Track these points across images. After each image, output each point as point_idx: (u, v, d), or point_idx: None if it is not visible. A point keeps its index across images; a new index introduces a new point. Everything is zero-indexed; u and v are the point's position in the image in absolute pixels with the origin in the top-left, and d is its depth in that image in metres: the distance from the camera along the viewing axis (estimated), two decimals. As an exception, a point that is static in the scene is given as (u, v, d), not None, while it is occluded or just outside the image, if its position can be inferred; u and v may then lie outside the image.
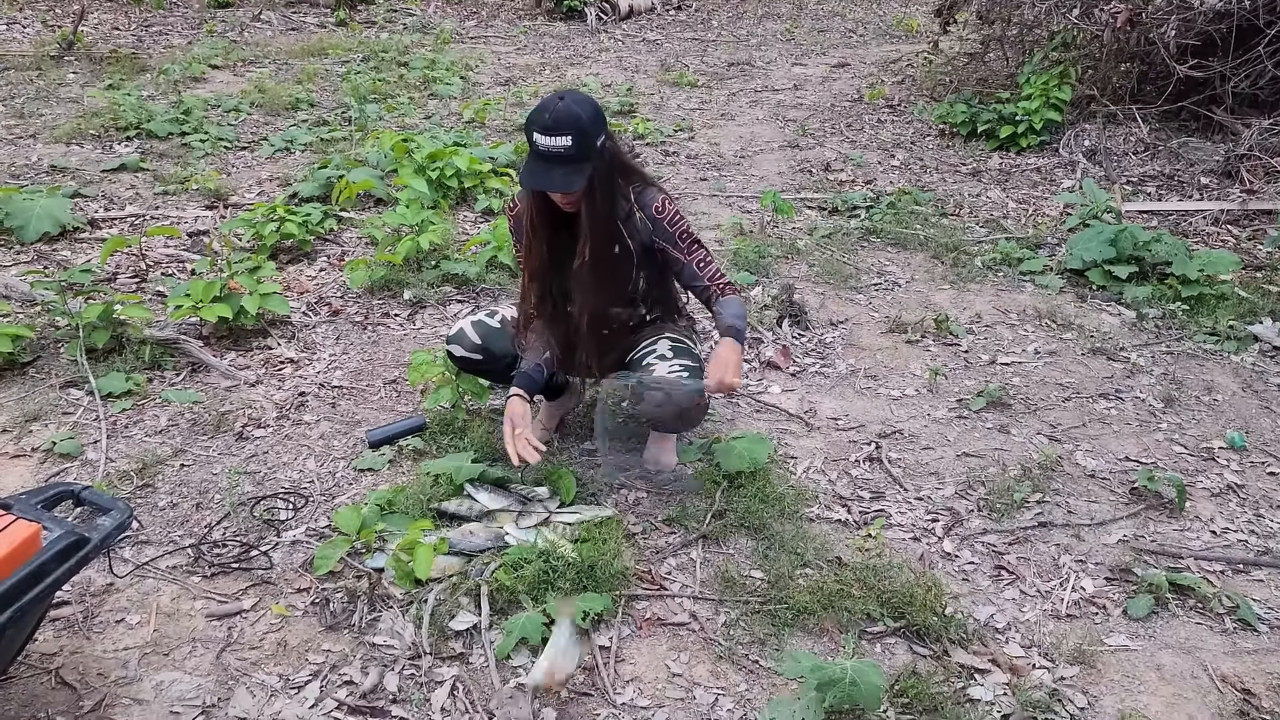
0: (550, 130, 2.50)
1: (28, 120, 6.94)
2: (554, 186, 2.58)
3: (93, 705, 2.22)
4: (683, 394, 2.75)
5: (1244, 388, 3.82)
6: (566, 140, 2.49)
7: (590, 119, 2.54)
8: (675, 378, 2.79)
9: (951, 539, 2.91)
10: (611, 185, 2.71)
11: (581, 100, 2.57)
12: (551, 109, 2.51)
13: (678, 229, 2.79)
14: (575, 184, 2.56)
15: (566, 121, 2.49)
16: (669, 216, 2.78)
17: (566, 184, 2.55)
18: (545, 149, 2.52)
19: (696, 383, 2.74)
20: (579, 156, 2.53)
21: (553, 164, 2.54)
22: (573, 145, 2.50)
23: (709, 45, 11.61)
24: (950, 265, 4.96)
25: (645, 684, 2.35)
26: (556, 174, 2.55)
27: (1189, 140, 6.63)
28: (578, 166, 2.55)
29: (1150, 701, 2.34)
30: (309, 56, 9.81)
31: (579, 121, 2.50)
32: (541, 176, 2.57)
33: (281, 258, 4.78)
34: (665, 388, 2.76)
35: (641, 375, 2.82)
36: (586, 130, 2.51)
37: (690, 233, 2.82)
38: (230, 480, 3.03)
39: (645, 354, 2.95)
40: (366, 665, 2.36)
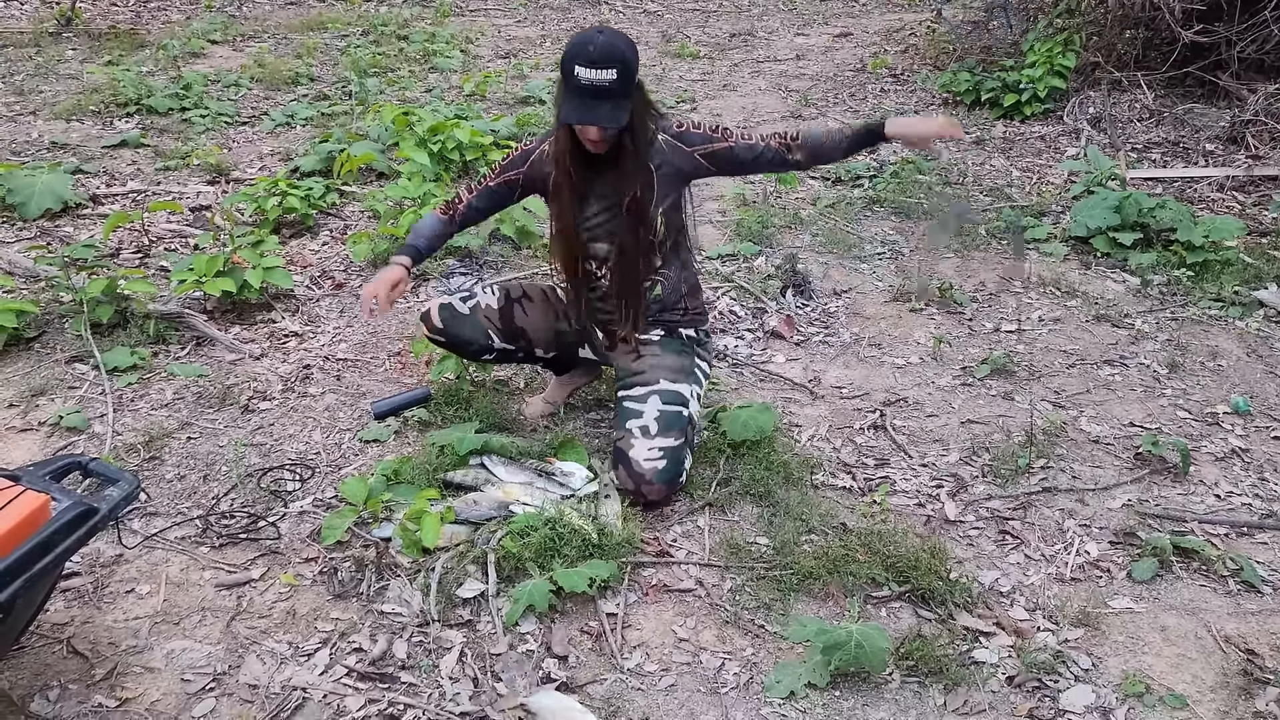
0: (597, 63, 2.41)
1: (27, 97, 6.91)
2: (603, 120, 2.49)
3: (104, 674, 2.24)
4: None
5: (1248, 353, 3.81)
6: (612, 74, 2.42)
7: (632, 53, 2.50)
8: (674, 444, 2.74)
9: (956, 504, 2.92)
10: (645, 123, 2.66)
11: (619, 34, 2.52)
12: (595, 41, 2.44)
13: (704, 127, 2.74)
14: (621, 119, 2.50)
15: (612, 54, 2.43)
16: (689, 125, 2.74)
17: (610, 118, 2.48)
18: (589, 82, 2.43)
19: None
20: (621, 91, 2.46)
21: (599, 99, 2.46)
22: (617, 79, 2.44)
23: (710, 16, 11.52)
24: (954, 234, 4.93)
25: (652, 649, 2.37)
26: (603, 108, 2.47)
27: (1194, 106, 6.58)
28: (620, 102, 2.48)
29: (1154, 662, 2.36)
30: (308, 31, 9.76)
31: (623, 55, 2.45)
32: (587, 111, 2.48)
33: (284, 232, 4.78)
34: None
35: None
36: (630, 64, 2.47)
37: (718, 124, 2.78)
38: (237, 452, 3.04)
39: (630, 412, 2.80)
40: (375, 633, 2.38)
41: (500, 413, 3.22)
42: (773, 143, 2.74)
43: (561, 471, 2.88)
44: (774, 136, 2.75)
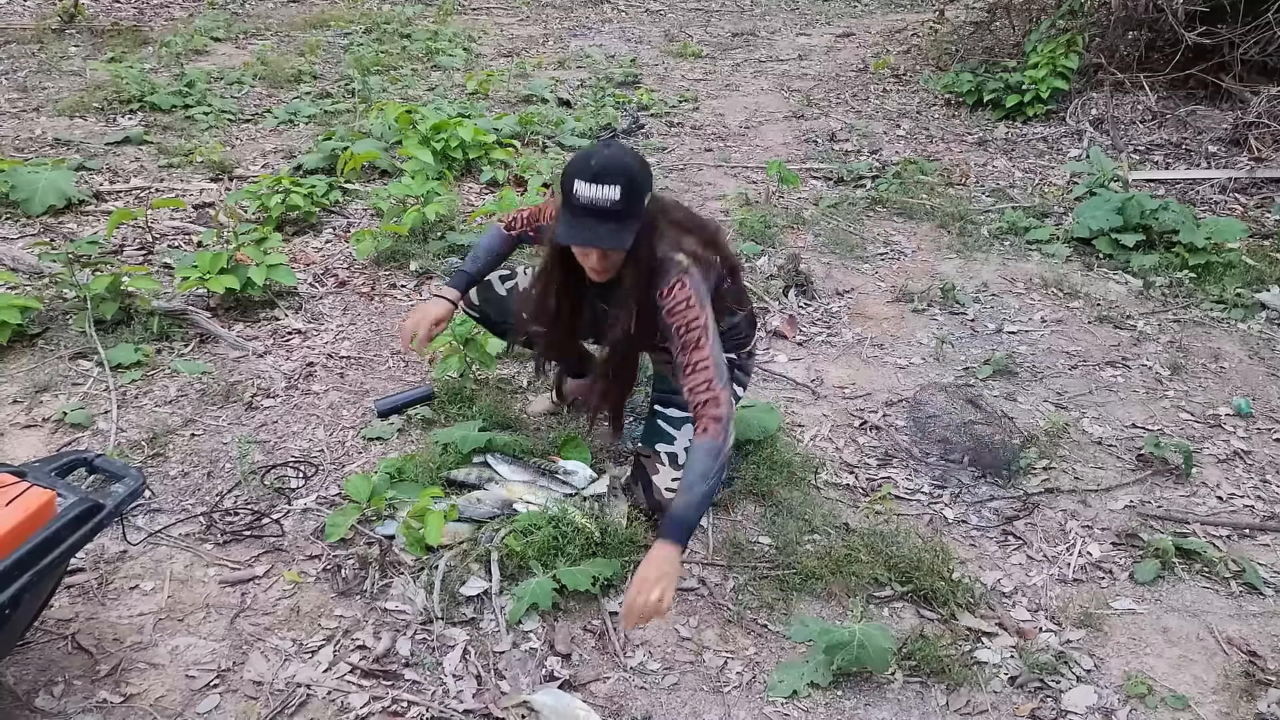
0: (599, 177, 2.13)
1: (30, 94, 6.91)
2: (601, 243, 2.22)
3: (109, 669, 2.24)
4: None
5: (1251, 355, 3.82)
6: (614, 192, 2.13)
7: (640, 168, 2.21)
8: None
9: (959, 505, 2.93)
10: (655, 249, 2.31)
11: (628, 149, 2.26)
12: (597, 155, 2.18)
13: (679, 320, 2.29)
14: (623, 241, 2.20)
15: (616, 170, 2.14)
16: (672, 304, 2.29)
17: (610, 240, 2.20)
18: (587, 200, 2.15)
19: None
20: (626, 212, 2.16)
21: (593, 219, 2.17)
22: (621, 199, 2.14)
23: (713, 15, 11.52)
24: (956, 234, 4.94)
25: (655, 648, 2.37)
26: (603, 229, 2.18)
27: (1197, 108, 6.58)
28: (623, 224, 2.18)
29: (1156, 663, 2.36)
30: (311, 29, 9.75)
31: (629, 171, 2.16)
32: (585, 231, 2.20)
33: (287, 229, 4.78)
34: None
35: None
36: (637, 182, 2.17)
37: (693, 326, 2.28)
38: (240, 449, 3.04)
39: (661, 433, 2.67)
40: (379, 630, 2.38)
41: (504, 411, 3.23)
42: (694, 406, 2.24)
43: (565, 470, 2.89)
44: (702, 398, 2.22)
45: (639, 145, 6.43)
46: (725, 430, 2.19)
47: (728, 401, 2.23)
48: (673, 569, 2.08)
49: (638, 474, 2.74)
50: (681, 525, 2.12)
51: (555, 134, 6.31)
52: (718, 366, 2.25)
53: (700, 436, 2.20)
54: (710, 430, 2.19)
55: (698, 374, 2.25)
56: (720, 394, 2.22)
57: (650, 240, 2.29)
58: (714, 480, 2.16)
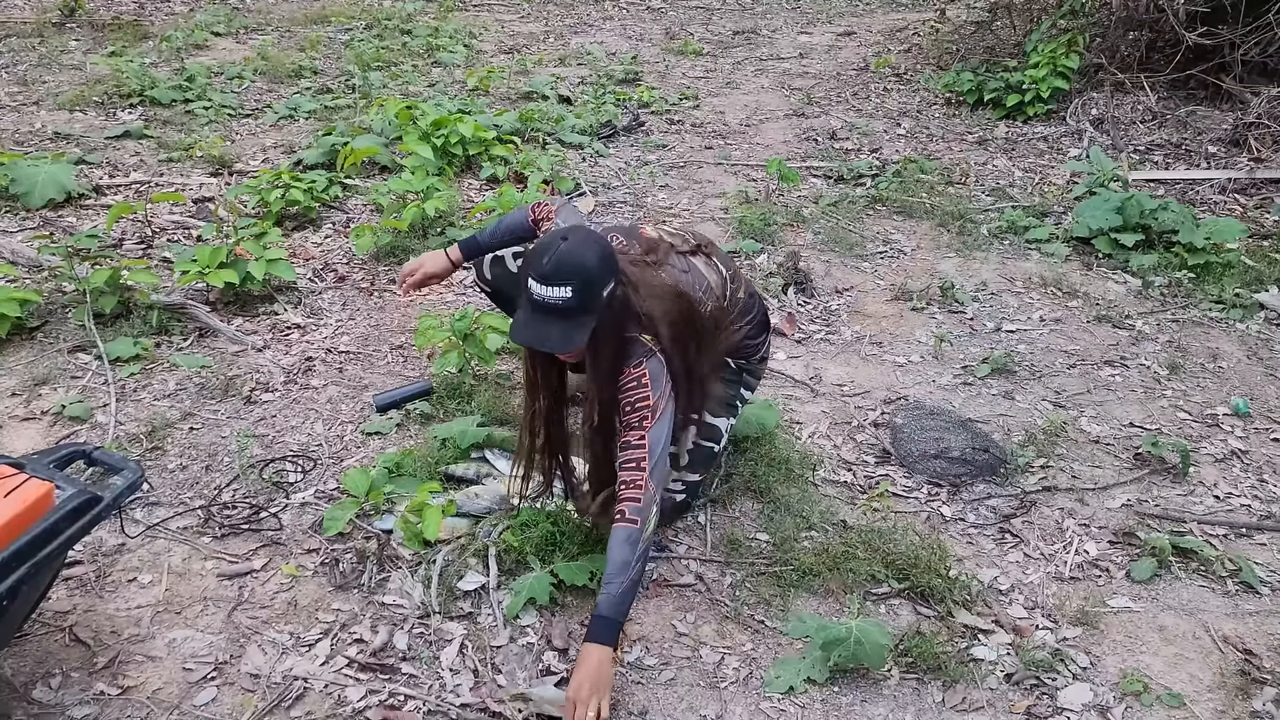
0: (549, 279, 2.10)
1: (31, 87, 6.91)
2: (548, 345, 2.21)
3: (106, 662, 2.25)
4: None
5: (1249, 355, 3.82)
6: (566, 291, 2.10)
7: (598, 264, 2.15)
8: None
9: (956, 503, 2.93)
10: (620, 334, 2.28)
11: (588, 241, 2.18)
12: (550, 252, 2.13)
13: (625, 397, 2.27)
14: (574, 341, 2.16)
15: (568, 269, 2.10)
16: (625, 382, 2.27)
17: (564, 343, 2.17)
18: (540, 298, 2.13)
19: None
20: (579, 309, 2.13)
21: (550, 317, 2.15)
22: (573, 297, 2.11)
23: (714, 13, 11.51)
24: (956, 233, 4.94)
25: (652, 643, 2.38)
26: (553, 330, 2.16)
27: (1197, 109, 6.59)
28: (578, 321, 2.15)
29: (1152, 661, 2.37)
30: (312, 24, 9.74)
31: (583, 270, 2.11)
32: (534, 330, 2.19)
33: (287, 224, 4.78)
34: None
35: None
36: (592, 279, 2.13)
37: (637, 405, 2.25)
38: (239, 443, 3.05)
39: None
40: (376, 624, 2.39)
41: (502, 406, 3.23)
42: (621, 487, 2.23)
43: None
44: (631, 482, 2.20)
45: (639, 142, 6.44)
46: (643, 517, 2.17)
47: (653, 488, 2.20)
48: (607, 676, 2.09)
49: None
50: (611, 625, 2.12)
51: (556, 131, 6.31)
52: (652, 452, 2.22)
53: (618, 524, 2.17)
54: (627, 516, 2.17)
55: (629, 453, 2.23)
56: (645, 481, 2.19)
57: (611, 331, 2.24)
58: (637, 568, 2.15)
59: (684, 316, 2.38)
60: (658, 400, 2.25)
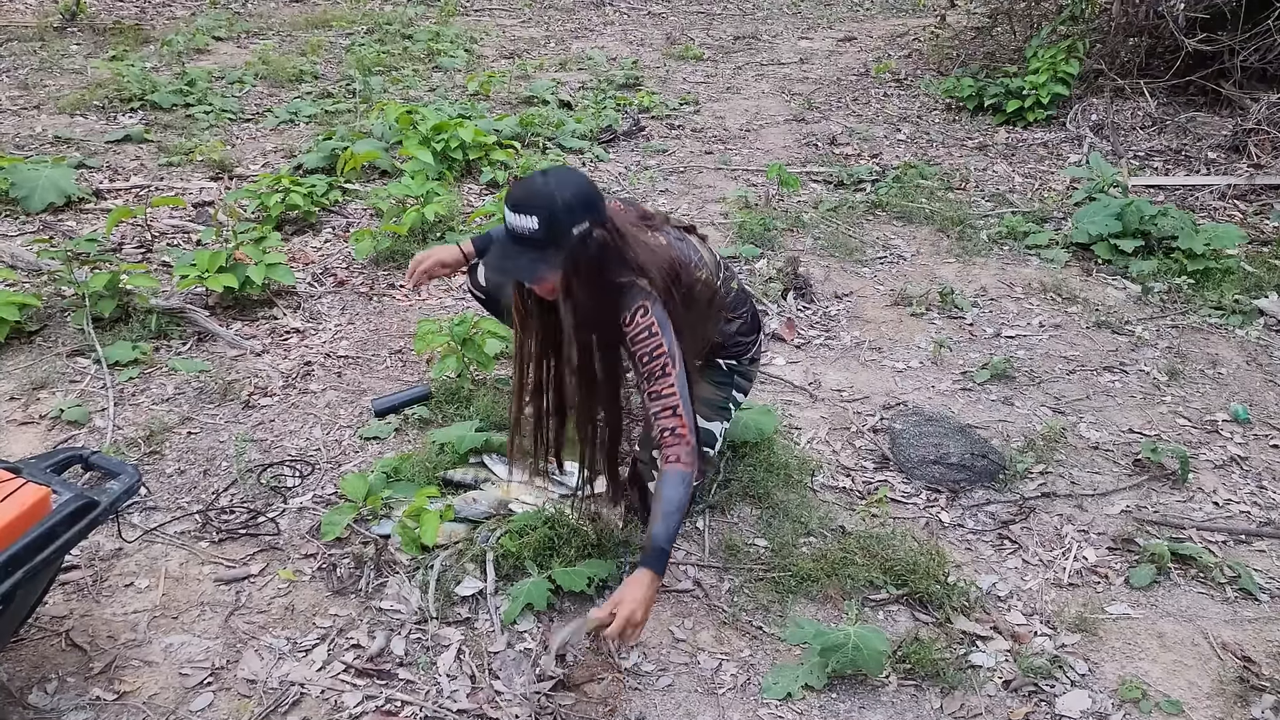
0: (519, 207, 2.16)
1: (31, 91, 6.91)
2: (512, 274, 2.27)
3: (103, 666, 2.24)
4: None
5: (1248, 361, 3.82)
6: (532, 222, 2.15)
7: (569, 201, 2.16)
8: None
9: (955, 509, 2.93)
10: (597, 279, 2.26)
11: (567, 180, 2.20)
12: (527, 184, 2.20)
13: (641, 348, 2.27)
14: (536, 273, 2.20)
15: (538, 200, 2.15)
16: (636, 332, 2.27)
17: (527, 272, 2.21)
18: (512, 228, 2.19)
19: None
20: (546, 242, 2.16)
21: (520, 247, 2.20)
22: (539, 229, 2.14)
23: (714, 18, 11.53)
24: (956, 239, 4.94)
25: (650, 649, 2.37)
26: (521, 260, 2.20)
27: (1196, 115, 6.59)
28: (544, 254, 2.18)
29: (1151, 668, 2.36)
30: (313, 28, 9.76)
31: (551, 202, 2.15)
32: (503, 259, 2.26)
33: (287, 228, 4.78)
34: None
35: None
36: (558, 214, 2.15)
37: (657, 356, 2.26)
38: (237, 448, 3.04)
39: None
40: (373, 629, 2.38)
41: (501, 411, 3.22)
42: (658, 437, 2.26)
43: (561, 470, 2.89)
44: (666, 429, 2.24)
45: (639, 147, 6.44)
46: (692, 458, 2.21)
47: (693, 430, 2.24)
48: (653, 596, 2.14)
49: (634, 479, 2.72)
50: (664, 556, 2.17)
51: (556, 135, 6.32)
52: (682, 395, 2.25)
53: (671, 466, 2.21)
54: (682, 460, 2.21)
55: (663, 402, 2.25)
56: (685, 423, 2.23)
57: (587, 271, 2.23)
58: (685, 507, 2.19)
59: (674, 273, 2.39)
60: (670, 346, 2.28)
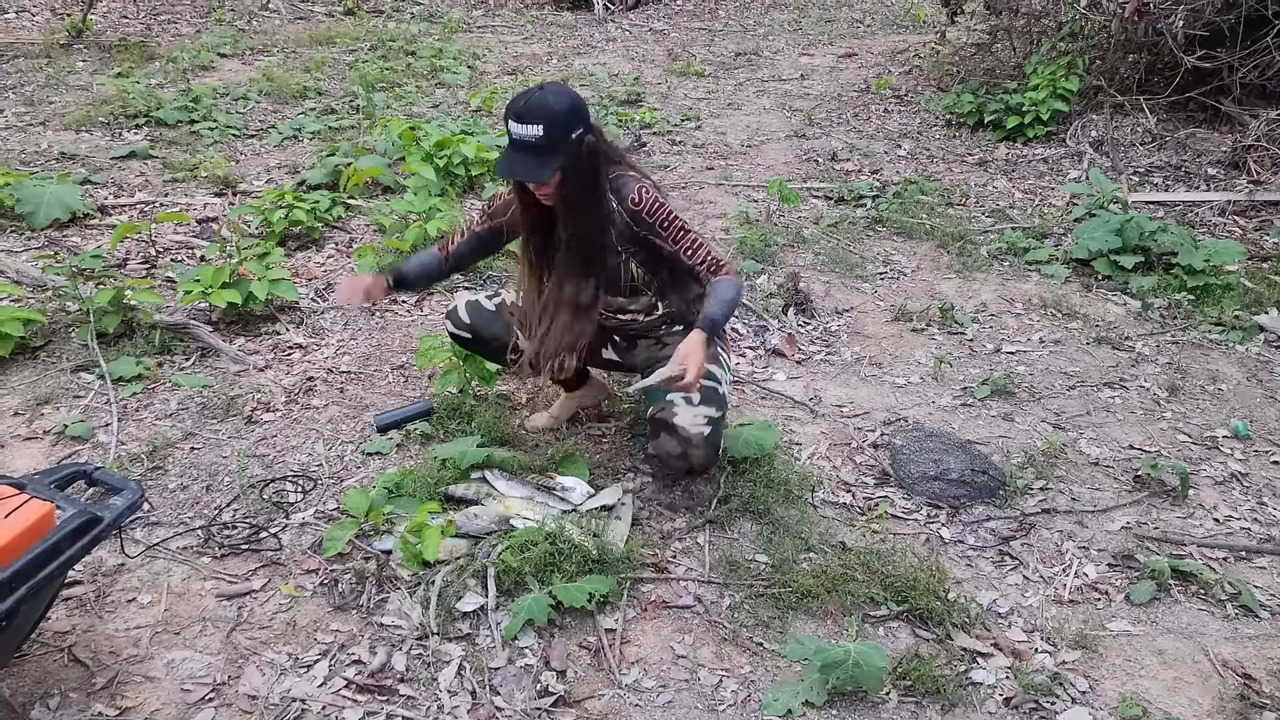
0: (522, 118, 2.49)
1: (37, 107, 6.96)
2: (520, 175, 2.57)
3: (105, 682, 2.25)
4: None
5: (1248, 377, 3.82)
6: (537, 129, 2.48)
7: (565, 110, 2.50)
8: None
9: (955, 525, 2.93)
10: (590, 178, 2.63)
11: (561, 92, 2.54)
12: (527, 97, 2.51)
13: (658, 217, 2.67)
14: (543, 174, 2.54)
15: (538, 111, 2.48)
16: (647, 206, 2.66)
17: (534, 173, 2.54)
18: (516, 136, 2.51)
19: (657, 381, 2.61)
20: (548, 147, 2.50)
21: (524, 152, 2.53)
22: (543, 135, 2.48)
23: (716, 35, 11.59)
24: (956, 255, 4.96)
25: (650, 665, 2.38)
26: (526, 163, 2.54)
27: (1196, 131, 6.62)
28: (546, 158, 2.51)
29: (1151, 685, 2.36)
30: (317, 45, 9.82)
31: (550, 111, 2.48)
32: (511, 164, 2.56)
33: (290, 244, 4.80)
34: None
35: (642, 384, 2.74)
36: (558, 120, 2.48)
37: (673, 219, 2.69)
38: (240, 463, 3.06)
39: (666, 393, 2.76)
40: (374, 645, 2.39)
41: (502, 427, 3.24)
42: (704, 271, 2.71)
43: (562, 486, 2.90)
44: (710, 262, 2.70)
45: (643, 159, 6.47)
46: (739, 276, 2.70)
47: (731, 263, 2.65)
48: (702, 351, 2.58)
49: (657, 427, 2.77)
50: (713, 320, 2.62)
51: (558, 151, 6.34)
52: (709, 245, 2.73)
53: (724, 278, 2.68)
54: (731, 273, 2.71)
55: (698, 251, 2.70)
56: (724, 260, 2.71)
57: (582, 170, 2.59)
58: (736, 306, 2.71)
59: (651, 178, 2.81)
60: (678, 213, 2.71)
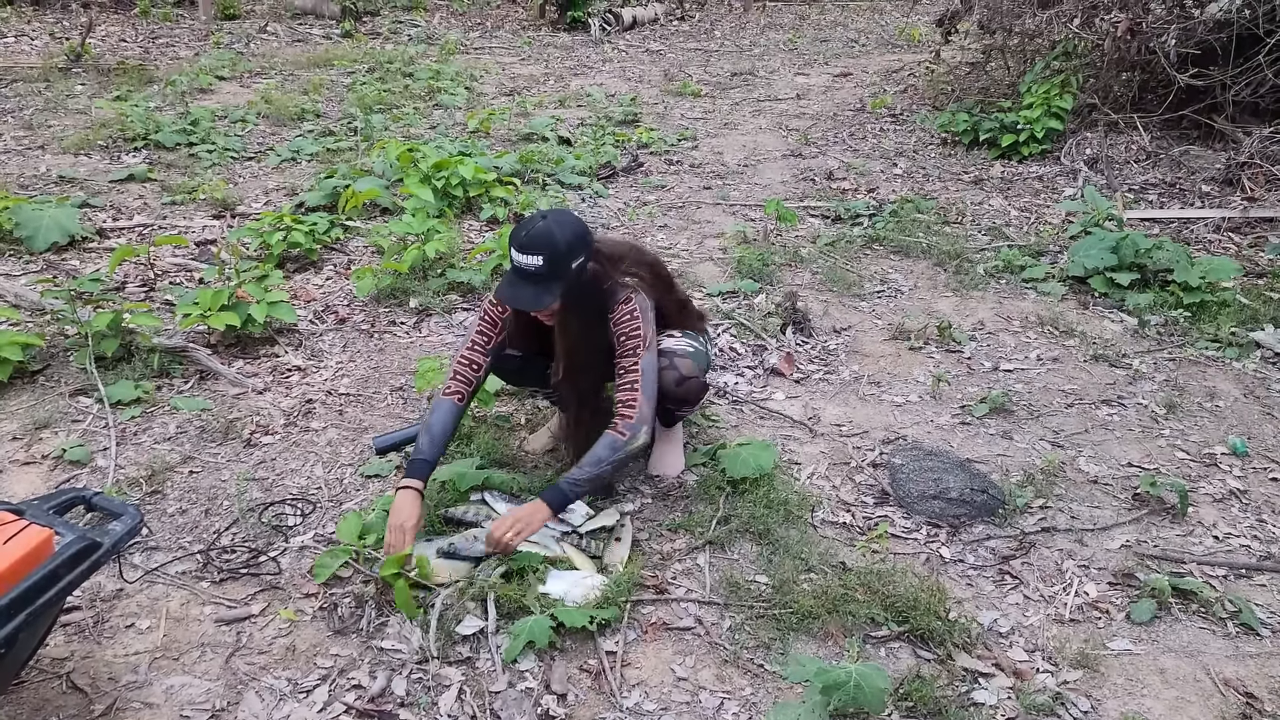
0: (525, 248, 2.57)
1: (36, 131, 6.99)
2: (521, 304, 2.64)
3: (103, 709, 2.24)
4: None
5: (1246, 394, 3.83)
6: (538, 260, 2.56)
7: (568, 240, 2.58)
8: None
9: (955, 544, 2.93)
10: (589, 304, 2.73)
11: (564, 222, 2.62)
12: (530, 227, 2.59)
13: (621, 330, 2.73)
14: (543, 303, 2.62)
15: (540, 241, 2.56)
16: (618, 318, 2.73)
17: (534, 302, 2.62)
18: (518, 265, 2.60)
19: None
20: (549, 276, 2.59)
21: (525, 280, 2.61)
22: (544, 265, 2.56)
23: (712, 55, 11.66)
24: (953, 273, 4.98)
25: (651, 688, 2.37)
26: (527, 291, 2.62)
27: (1190, 148, 6.66)
28: (548, 286, 2.60)
29: (1153, 705, 2.35)
30: (315, 68, 9.88)
31: (553, 242, 2.56)
32: (512, 291, 2.64)
33: (288, 266, 4.82)
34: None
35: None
36: (559, 251, 2.57)
37: (632, 335, 2.72)
38: (239, 487, 3.05)
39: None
40: (374, 669, 2.38)
41: (501, 448, 3.24)
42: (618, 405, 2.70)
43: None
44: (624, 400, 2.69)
45: (638, 182, 6.50)
46: (630, 430, 2.65)
47: (646, 409, 2.68)
48: (536, 521, 2.63)
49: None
50: (561, 495, 2.64)
51: (555, 172, 6.38)
52: (645, 375, 2.70)
53: (609, 432, 2.67)
54: (619, 427, 2.66)
55: (626, 377, 2.71)
56: (639, 400, 2.67)
57: (581, 299, 2.69)
58: (606, 469, 2.65)
59: (653, 262, 2.95)
60: (648, 332, 2.74)
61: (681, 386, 2.91)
